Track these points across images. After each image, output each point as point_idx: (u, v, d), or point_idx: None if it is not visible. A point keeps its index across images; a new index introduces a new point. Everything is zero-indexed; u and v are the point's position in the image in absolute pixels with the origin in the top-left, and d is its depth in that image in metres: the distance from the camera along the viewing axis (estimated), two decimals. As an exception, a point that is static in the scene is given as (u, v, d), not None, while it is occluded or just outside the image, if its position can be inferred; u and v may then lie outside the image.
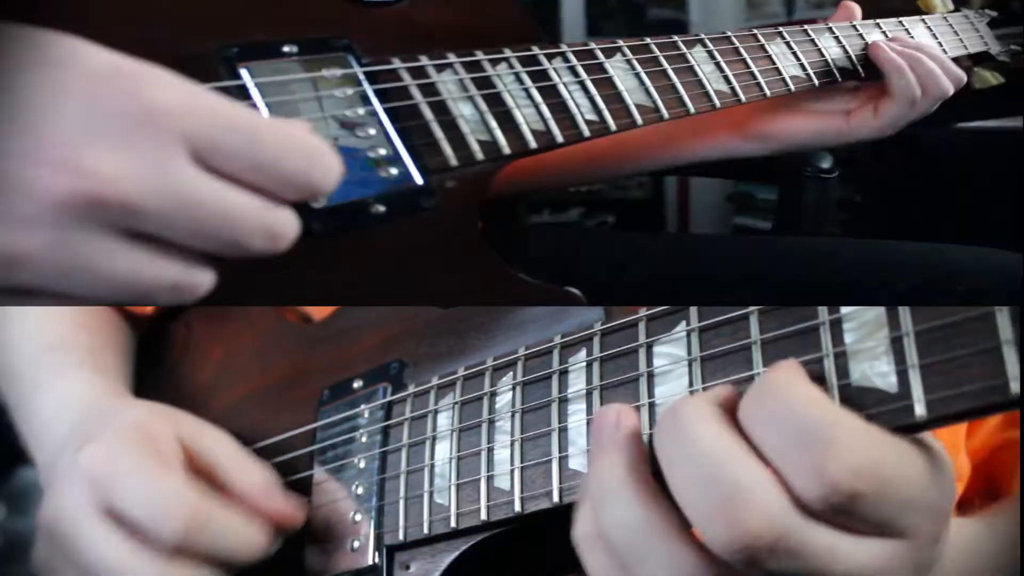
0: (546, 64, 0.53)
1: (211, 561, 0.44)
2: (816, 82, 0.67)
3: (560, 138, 0.51)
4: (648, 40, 0.59)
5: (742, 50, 0.63)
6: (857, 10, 0.73)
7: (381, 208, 0.44)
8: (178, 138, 0.32)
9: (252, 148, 0.34)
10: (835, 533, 0.30)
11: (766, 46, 0.66)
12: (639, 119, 0.55)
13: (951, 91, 0.69)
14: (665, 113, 0.56)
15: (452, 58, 0.50)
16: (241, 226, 0.34)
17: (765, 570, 0.30)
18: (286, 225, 0.35)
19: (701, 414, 0.32)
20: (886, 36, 0.73)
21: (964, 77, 0.71)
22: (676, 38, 0.60)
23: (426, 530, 0.44)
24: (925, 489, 0.31)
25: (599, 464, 0.35)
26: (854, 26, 0.72)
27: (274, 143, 0.34)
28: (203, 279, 0.35)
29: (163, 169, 0.32)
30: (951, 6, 0.83)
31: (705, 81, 0.60)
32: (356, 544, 0.47)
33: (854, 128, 0.70)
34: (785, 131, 0.72)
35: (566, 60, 0.54)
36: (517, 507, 0.41)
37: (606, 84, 0.54)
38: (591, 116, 0.53)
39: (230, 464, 0.48)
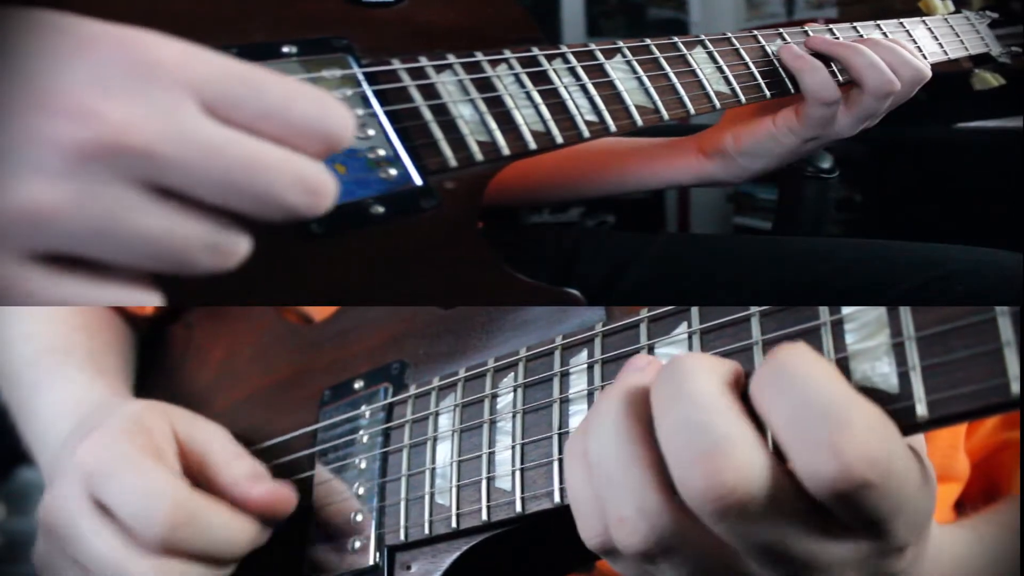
0: (546, 65, 0.53)
1: (200, 556, 0.44)
2: (846, 78, 0.67)
3: (560, 139, 0.51)
4: (648, 41, 0.59)
5: (742, 51, 0.64)
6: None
7: (380, 209, 0.44)
8: (182, 88, 0.32)
9: (257, 95, 0.33)
10: (810, 524, 0.30)
11: (766, 47, 0.66)
12: (639, 120, 0.55)
13: (892, 86, 0.65)
14: (665, 114, 0.56)
15: (452, 59, 0.50)
16: (271, 176, 0.32)
17: (730, 530, 0.30)
18: (321, 178, 0.33)
19: (703, 367, 0.32)
20: (886, 37, 0.73)
21: (925, 72, 0.68)
22: (676, 39, 0.60)
23: (427, 530, 0.44)
24: (917, 495, 0.31)
25: (607, 393, 0.35)
26: (854, 27, 0.72)
27: (279, 90, 0.33)
28: (239, 240, 0.34)
29: (174, 117, 0.31)
30: (952, 7, 0.83)
31: (705, 82, 0.60)
32: (357, 544, 0.47)
33: (778, 132, 0.68)
34: (729, 138, 0.70)
35: (566, 61, 0.54)
36: (518, 507, 0.41)
37: (606, 85, 0.54)
38: (591, 117, 0.53)
39: (219, 456, 0.48)
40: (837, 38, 0.70)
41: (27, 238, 0.30)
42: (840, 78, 0.67)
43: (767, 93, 0.64)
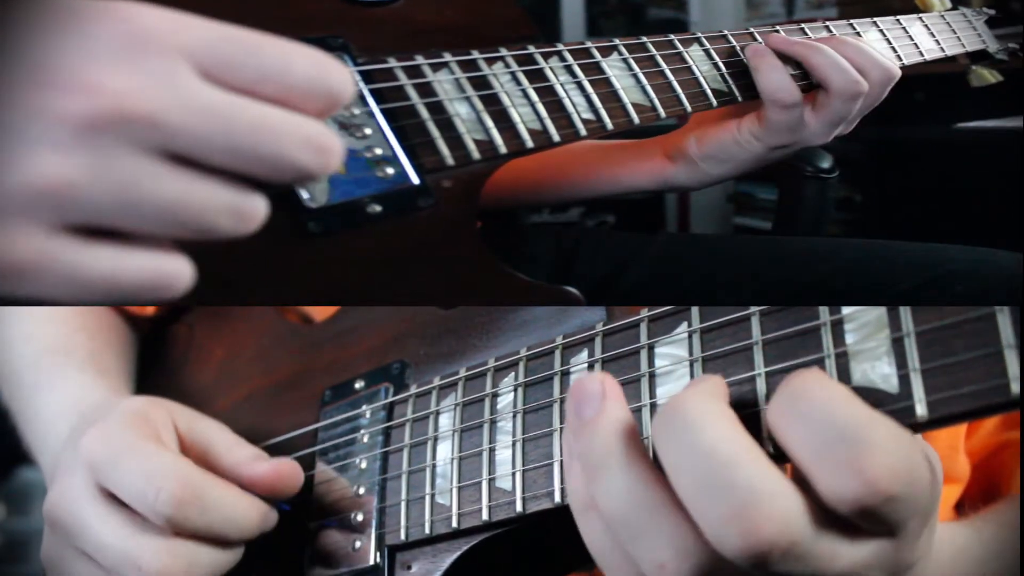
0: (542, 63, 0.53)
1: (208, 536, 0.44)
2: (813, 80, 0.67)
3: (557, 137, 0.51)
4: (645, 39, 0.59)
5: (739, 50, 0.63)
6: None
7: (378, 208, 0.44)
8: (177, 54, 0.32)
9: (254, 57, 0.33)
10: (838, 536, 0.30)
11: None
12: (636, 118, 0.55)
13: (859, 87, 0.63)
14: (662, 112, 0.56)
15: (448, 57, 0.49)
16: (277, 138, 0.32)
17: (769, 572, 0.30)
18: (327, 136, 0.33)
19: (709, 412, 0.31)
20: (883, 35, 0.73)
21: (894, 72, 0.65)
22: (673, 37, 0.60)
23: (427, 530, 0.44)
24: (930, 493, 0.31)
25: (589, 434, 0.33)
26: (851, 25, 0.72)
27: (275, 51, 0.33)
28: (258, 203, 0.33)
29: (176, 84, 0.31)
30: (949, 4, 0.83)
31: (702, 80, 0.60)
32: (358, 544, 0.47)
33: (741, 137, 0.65)
34: (692, 142, 0.68)
35: (562, 59, 0.54)
36: (519, 507, 0.41)
37: (603, 83, 0.54)
38: (588, 115, 0.53)
39: (221, 445, 0.48)
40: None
41: (51, 212, 0.30)
42: (807, 80, 0.64)
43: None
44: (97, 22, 0.31)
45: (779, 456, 0.33)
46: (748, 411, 0.34)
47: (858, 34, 0.71)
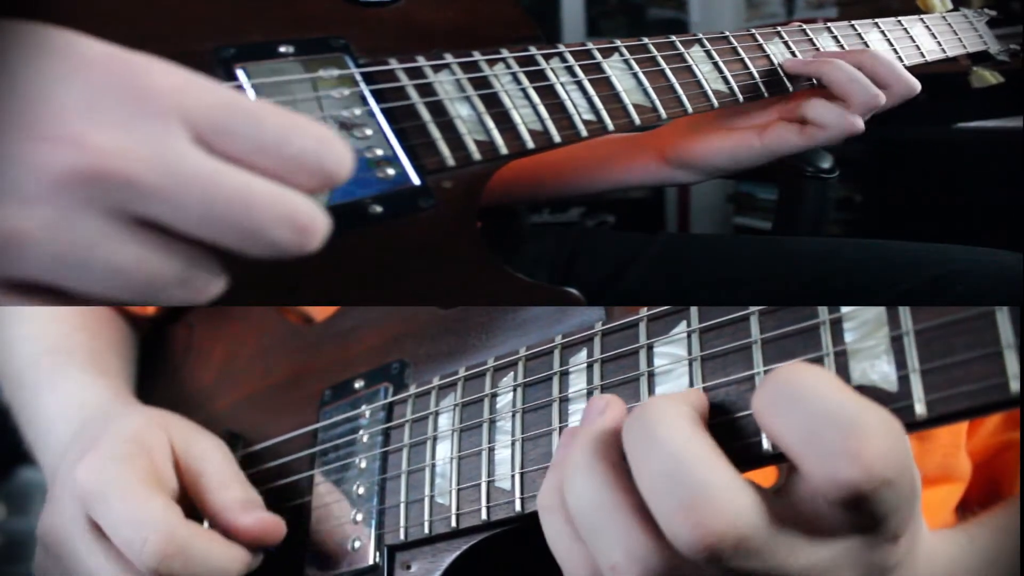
0: (543, 64, 0.53)
1: None
2: (814, 81, 0.67)
3: (558, 138, 0.51)
4: (646, 40, 0.59)
5: (740, 50, 0.63)
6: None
7: (379, 208, 0.44)
8: (176, 118, 0.31)
9: (253, 128, 0.32)
10: (799, 535, 0.31)
11: (764, 46, 0.66)
12: (637, 119, 0.55)
13: (877, 100, 0.64)
14: (663, 113, 0.56)
15: (449, 58, 0.50)
16: (258, 212, 0.31)
17: (725, 568, 0.30)
18: (311, 215, 0.32)
19: (671, 413, 0.32)
20: (884, 36, 0.73)
21: (915, 88, 0.66)
22: (674, 38, 0.60)
23: (427, 530, 0.44)
24: (912, 486, 0.31)
25: (572, 441, 0.35)
26: (852, 25, 0.72)
27: (276, 123, 0.32)
28: (213, 278, 0.33)
29: (164, 146, 0.30)
30: (950, 5, 0.83)
31: (703, 81, 0.60)
32: (357, 544, 0.47)
33: (769, 144, 0.67)
34: (699, 151, 0.70)
35: (563, 60, 0.54)
36: (518, 507, 0.41)
37: (604, 84, 0.54)
38: (589, 116, 0.53)
39: (213, 479, 0.48)
40: (835, 37, 0.69)
41: None
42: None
43: (764, 92, 0.64)
44: (106, 74, 0.31)
45: (777, 456, 0.33)
46: (746, 414, 0.34)
47: (860, 35, 0.71)
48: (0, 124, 0.30)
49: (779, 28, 0.68)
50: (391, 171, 0.45)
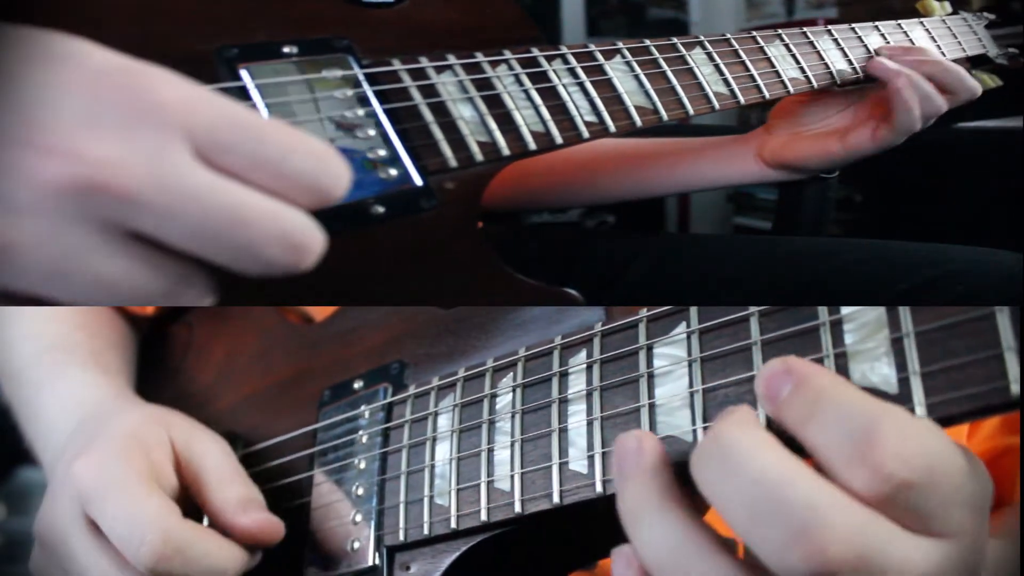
0: (545, 66, 0.53)
1: None
2: (815, 84, 0.67)
3: (559, 139, 0.51)
4: (647, 42, 0.59)
5: (741, 52, 0.64)
6: None
7: (380, 209, 0.44)
8: (178, 132, 0.31)
9: (255, 144, 0.32)
10: (906, 538, 0.29)
11: (765, 48, 0.66)
12: (638, 121, 0.55)
13: (913, 126, 0.69)
14: (664, 115, 0.56)
15: (452, 59, 0.50)
16: (250, 228, 0.31)
17: None
18: (306, 233, 0.32)
19: (753, 438, 0.30)
20: (884, 39, 0.73)
21: (977, 89, 0.71)
22: (675, 40, 0.60)
23: (426, 531, 0.44)
24: (966, 483, 0.30)
25: (629, 491, 0.33)
26: (852, 28, 0.72)
27: (277, 140, 0.33)
28: (202, 293, 0.33)
29: (163, 160, 0.30)
30: (949, 9, 0.83)
31: (704, 83, 0.60)
32: (356, 545, 0.47)
33: (850, 149, 0.71)
34: (793, 157, 0.74)
35: (565, 62, 0.54)
36: (517, 508, 0.41)
37: (605, 86, 0.54)
38: (590, 117, 0.53)
39: (212, 476, 0.48)
40: (835, 39, 0.70)
41: None
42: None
43: (766, 94, 0.64)
44: (111, 86, 0.31)
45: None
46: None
47: (860, 38, 0.71)
48: (2, 133, 0.30)
49: (780, 31, 0.68)
50: (393, 172, 0.45)
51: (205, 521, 0.47)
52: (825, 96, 0.73)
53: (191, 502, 0.48)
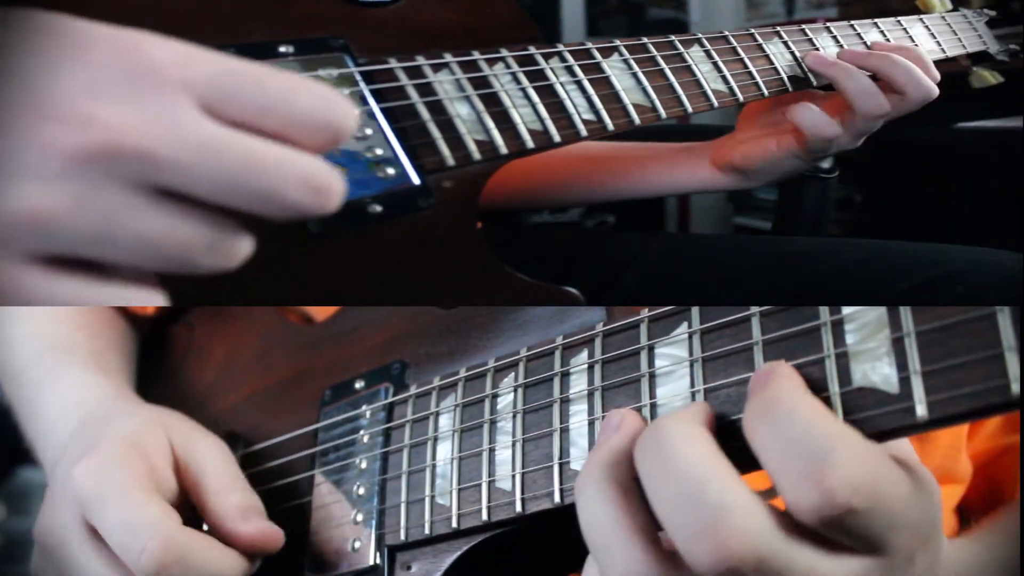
0: (543, 64, 0.53)
1: None
2: (815, 82, 0.67)
3: (557, 138, 0.51)
4: (645, 40, 0.59)
5: (739, 50, 0.63)
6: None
7: (378, 208, 0.44)
8: (180, 88, 0.32)
9: (257, 90, 0.33)
10: (816, 551, 0.31)
11: (763, 46, 0.66)
12: (636, 119, 0.55)
13: (880, 110, 0.66)
14: (663, 113, 0.56)
15: (449, 58, 0.50)
16: (272, 174, 0.32)
17: None
18: (327, 175, 0.33)
19: (686, 433, 0.32)
20: (884, 36, 0.73)
21: (932, 93, 0.67)
22: (673, 38, 0.60)
23: (427, 530, 0.44)
24: (909, 509, 0.31)
25: (586, 463, 0.35)
26: (852, 26, 0.72)
27: (279, 85, 0.33)
28: (242, 240, 0.33)
29: (171, 117, 0.31)
30: (949, 6, 0.83)
31: (703, 81, 0.60)
32: (357, 544, 0.47)
33: (782, 155, 0.70)
34: (739, 157, 0.73)
35: (563, 60, 0.54)
36: (518, 508, 0.41)
37: (603, 84, 0.54)
38: (588, 116, 0.53)
39: (213, 483, 0.48)
40: (835, 37, 0.70)
41: (27, 241, 0.30)
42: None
43: (764, 92, 0.64)
44: (105, 52, 0.32)
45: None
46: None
47: (859, 36, 0.71)
48: (10, 108, 0.30)
49: (778, 28, 0.68)
50: (391, 171, 0.45)
51: (205, 527, 0.47)
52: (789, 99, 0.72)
53: (190, 507, 0.48)
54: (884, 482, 0.30)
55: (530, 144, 0.49)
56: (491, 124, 0.48)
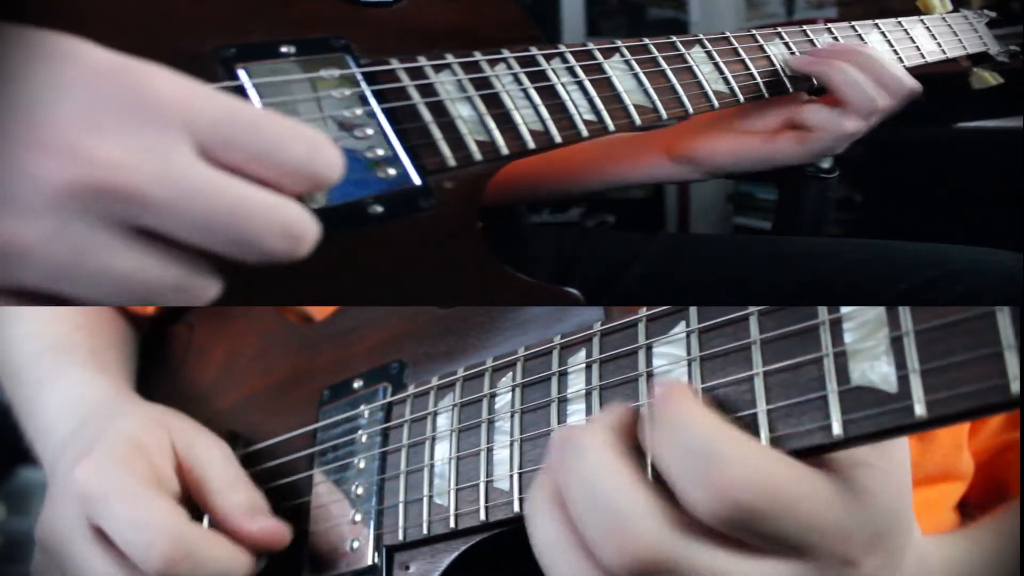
0: (544, 65, 0.53)
1: None
2: (815, 82, 0.67)
3: (559, 138, 0.51)
4: (646, 40, 0.59)
5: (740, 50, 0.63)
6: None
7: (379, 208, 0.44)
8: (179, 128, 0.32)
9: (252, 137, 0.33)
10: (720, 552, 0.32)
11: (765, 47, 0.66)
12: (637, 119, 0.55)
13: (872, 105, 0.65)
14: (664, 113, 0.56)
15: (450, 59, 0.50)
16: (253, 221, 0.32)
17: None
18: (302, 222, 0.34)
19: (593, 442, 0.34)
20: (884, 36, 0.73)
21: (915, 88, 0.67)
22: (675, 38, 0.60)
23: (425, 530, 0.44)
24: (832, 512, 0.32)
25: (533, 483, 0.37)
26: (853, 27, 0.72)
27: (272, 131, 0.34)
28: (209, 283, 0.34)
29: (165, 158, 0.31)
30: (950, 6, 0.83)
31: (704, 82, 0.60)
32: (355, 544, 0.47)
33: (776, 151, 0.69)
34: (705, 150, 0.71)
35: (564, 61, 0.54)
36: (516, 507, 0.41)
37: (604, 85, 0.54)
38: (589, 116, 0.53)
39: (217, 482, 0.48)
40: (835, 38, 0.70)
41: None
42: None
43: (765, 93, 0.64)
44: (111, 84, 0.32)
45: None
46: (745, 414, 0.34)
47: (860, 36, 0.71)
48: (5, 134, 0.30)
49: (779, 29, 0.68)
50: (392, 171, 0.45)
51: (205, 523, 0.47)
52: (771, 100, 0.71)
53: (192, 506, 0.48)
54: (782, 481, 0.31)
55: (531, 145, 0.49)
56: (492, 125, 0.48)
